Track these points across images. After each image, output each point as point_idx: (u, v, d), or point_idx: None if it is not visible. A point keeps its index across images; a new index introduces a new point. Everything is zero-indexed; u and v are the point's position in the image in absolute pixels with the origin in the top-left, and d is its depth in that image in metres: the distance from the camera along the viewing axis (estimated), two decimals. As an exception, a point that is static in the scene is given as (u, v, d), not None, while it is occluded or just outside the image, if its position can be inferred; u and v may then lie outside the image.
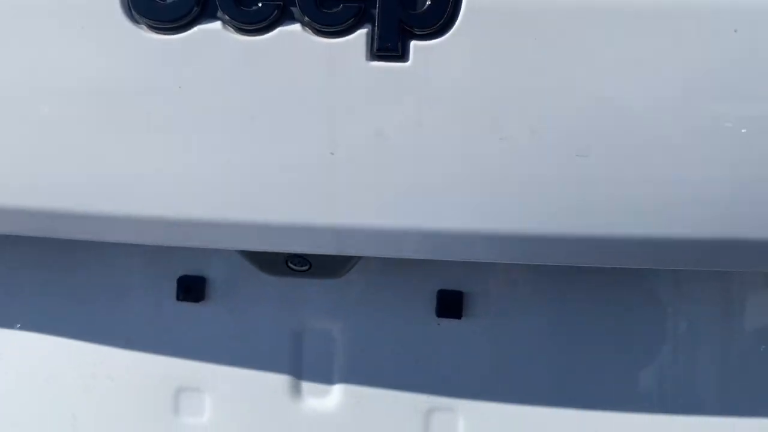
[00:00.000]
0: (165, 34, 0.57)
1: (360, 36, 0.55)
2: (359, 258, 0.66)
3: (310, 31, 0.56)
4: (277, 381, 0.76)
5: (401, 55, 0.55)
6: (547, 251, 0.58)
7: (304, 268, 0.66)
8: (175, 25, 0.57)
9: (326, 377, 0.75)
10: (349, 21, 0.54)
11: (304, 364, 0.76)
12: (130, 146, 0.59)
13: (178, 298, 0.77)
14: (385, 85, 0.55)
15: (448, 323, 0.74)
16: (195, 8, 0.56)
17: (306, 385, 0.76)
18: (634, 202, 0.55)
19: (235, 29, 0.56)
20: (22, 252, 0.78)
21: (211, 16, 0.57)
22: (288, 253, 0.66)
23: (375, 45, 0.55)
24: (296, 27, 0.56)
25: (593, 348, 0.72)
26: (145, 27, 0.57)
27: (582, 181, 0.55)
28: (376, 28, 0.55)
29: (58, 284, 0.78)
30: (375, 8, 0.54)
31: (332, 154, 0.57)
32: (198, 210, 0.59)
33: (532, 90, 0.54)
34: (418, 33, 0.55)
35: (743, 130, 0.53)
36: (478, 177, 0.56)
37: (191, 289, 0.76)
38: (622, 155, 0.55)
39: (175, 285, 0.76)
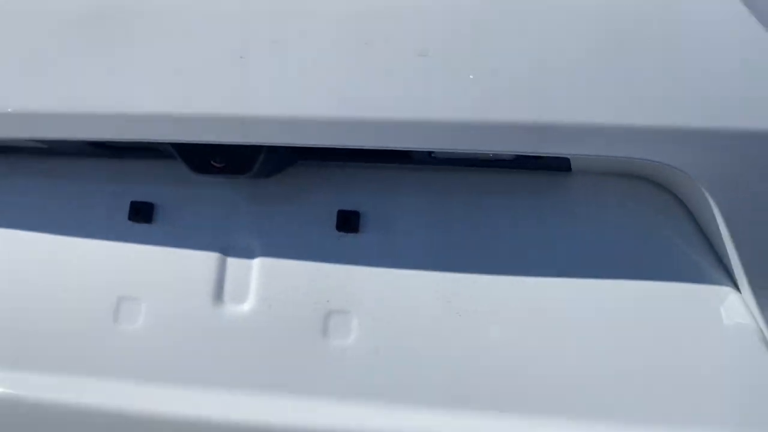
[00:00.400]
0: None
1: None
2: (262, 153, 0.83)
3: None
4: (203, 289, 0.89)
5: None
6: (399, 135, 0.74)
7: (222, 164, 0.83)
8: None
9: (245, 285, 0.89)
10: None
11: (227, 274, 0.89)
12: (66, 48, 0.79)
13: (129, 218, 0.93)
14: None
15: (346, 237, 0.88)
16: None
17: (227, 292, 0.89)
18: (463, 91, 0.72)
19: None
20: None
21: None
22: (211, 153, 0.83)
23: None
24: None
25: (465, 254, 0.84)
26: None
27: (424, 74, 0.73)
28: None
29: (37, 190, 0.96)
30: None
31: (241, 57, 0.76)
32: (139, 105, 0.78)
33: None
34: None
35: (540, 24, 0.71)
36: (346, 75, 0.74)
37: (140, 211, 0.93)
38: (455, 53, 0.72)
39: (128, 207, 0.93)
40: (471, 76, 0.72)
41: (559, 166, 0.83)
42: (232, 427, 0.82)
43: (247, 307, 0.88)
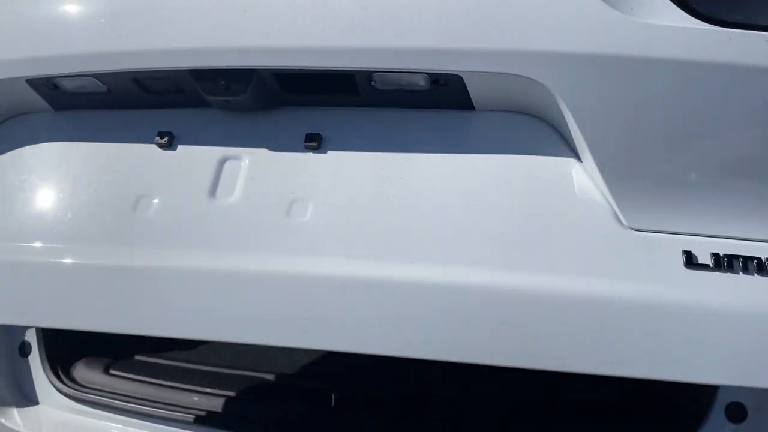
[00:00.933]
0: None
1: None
2: (253, 78, 1.17)
3: None
4: (202, 187, 1.21)
5: None
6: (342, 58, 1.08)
7: (225, 85, 1.17)
8: None
9: (233, 184, 1.20)
10: None
11: (221, 177, 1.21)
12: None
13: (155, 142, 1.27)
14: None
15: (311, 151, 1.20)
16: None
17: (219, 190, 1.20)
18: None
19: None
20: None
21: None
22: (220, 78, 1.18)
23: None
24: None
25: (394, 161, 1.15)
26: None
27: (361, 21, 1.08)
28: None
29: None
30: None
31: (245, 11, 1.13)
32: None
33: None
34: None
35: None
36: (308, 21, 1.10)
37: (164, 135, 1.26)
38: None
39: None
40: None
41: (463, 104, 1.16)
42: (224, 272, 1.10)
43: (233, 199, 1.19)
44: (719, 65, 0.94)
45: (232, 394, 1.63)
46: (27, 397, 1.75)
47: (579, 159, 1.06)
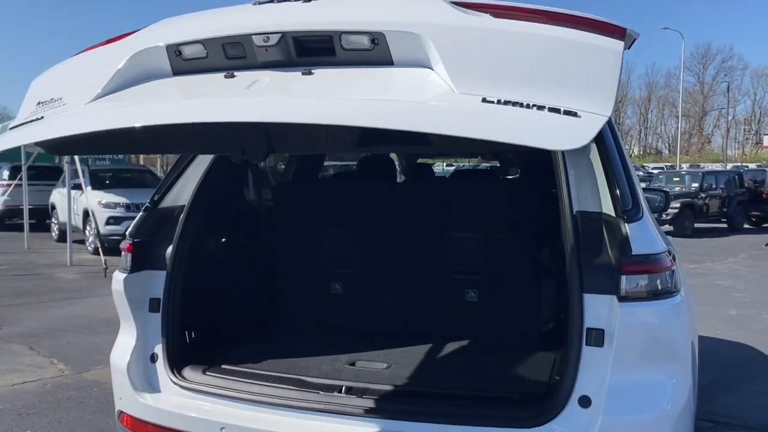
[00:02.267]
0: None
1: None
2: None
3: None
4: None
5: None
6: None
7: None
8: None
9: None
10: None
11: None
12: None
13: None
14: None
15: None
16: None
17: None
18: None
19: None
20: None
21: None
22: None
23: None
24: None
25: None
26: None
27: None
28: None
29: None
30: None
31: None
32: None
33: None
34: None
35: None
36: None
37: None
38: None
39: None
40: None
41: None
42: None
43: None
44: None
45: (278, 385, 2.62)
46: (154, 387, 2.78)
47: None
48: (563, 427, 2.27)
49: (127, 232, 2.97)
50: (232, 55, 1.98)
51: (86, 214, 13.03)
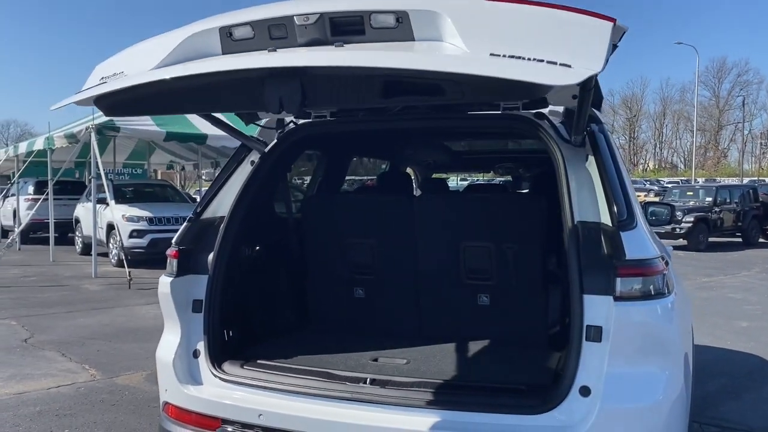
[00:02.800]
0: None
1: None
2: None
3: None
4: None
5: None
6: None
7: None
8: None
9: None
10: None
11: None
12: None
13: None
14: None
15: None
16: None
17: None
18: None
19: None
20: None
21: None
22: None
23: None
24: None
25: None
26: None
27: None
28: None
29: None
30: None
31: None
32: None
33: None
34: None
35: None
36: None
37: None
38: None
39: None
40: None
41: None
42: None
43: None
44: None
45: (309, 377, 2.91)
46: (196, 380, 3.07)
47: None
48: (565, 413, 2.53)
49: (173, 241, 3.27)
50: (275, 36, 2.28)
51: (110, 227, 13.38)
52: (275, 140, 3.40)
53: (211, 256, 3.16)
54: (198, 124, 12.65)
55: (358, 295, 3.85)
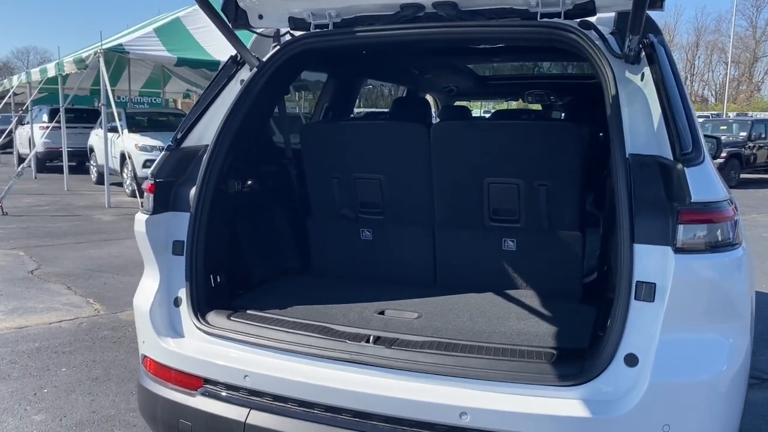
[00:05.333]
0: None
1: None
2: None
3: None
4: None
5: None
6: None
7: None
8: None
9: None
10: None
11: None
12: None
13: None
14: None
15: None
16: None
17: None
18: None
19: None
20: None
21: None
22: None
23: None
24: None
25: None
26: None
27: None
28: None
29: None
30: None
31: None
32: None
33: None
34: None
35: None
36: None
37: None
38: None
39: None
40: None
41: None
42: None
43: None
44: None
45: (305, 332, 2.50)
46: (177, 332, 2.69)
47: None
48: (606, 385, 2.11)
49: (149, 172, 2.84)
50: None
51: (123, 157, 13.14)
52: (270, 53, 2.90)
53: (193, 191, 2.73)
54: (210, 49, 12.11)
55: (365, 237, 3.41)
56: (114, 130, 12.86)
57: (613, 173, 2.27)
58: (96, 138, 15.04)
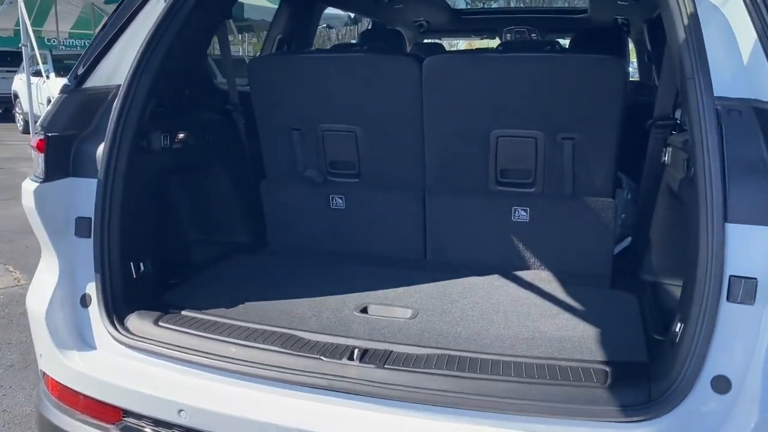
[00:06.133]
0: None
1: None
2: None
3: None
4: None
5: None
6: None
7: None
8: None
9: None
10: None
11: None
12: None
13: None
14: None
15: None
16: None
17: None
18: None
19: None
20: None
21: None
22: None
23: None
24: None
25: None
26: None
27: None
28: None
29: None
30: None
31: None
32: None
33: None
34: None
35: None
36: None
37: None
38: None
39: None
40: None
41: None
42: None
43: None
44: None
45: (263, 346, 1.83)
46: (87, 343, 1.98)
47: None
48: (689, 420, 1.52)
49: (37, 123, 2.07)
50: None
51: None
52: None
53: (101, 149, 1.98)
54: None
55: (336, 206, 2.71)
56: (38, 74, 11.77)
57: (689, 125, 1.64)
58: (20, 83, 14.15)
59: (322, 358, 1.76)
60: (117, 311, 1.98)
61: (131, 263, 2.08)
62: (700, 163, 1.58)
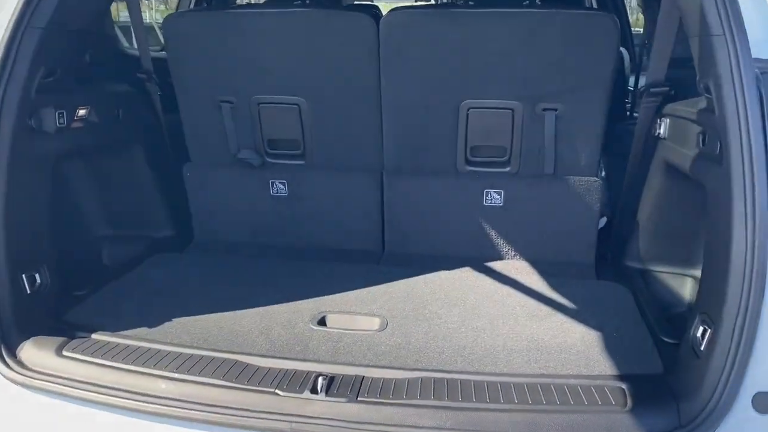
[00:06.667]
0: None
1: None
2: None
3: None
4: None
5: None
6: None
7: None
8: None
9: None
10: None
11: None
12: None
13: None
14: None
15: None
16: None
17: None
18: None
19: None
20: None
21: None
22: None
23: None
24: None
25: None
26: None
27: None
28: None
29: None
30: None
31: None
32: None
33: None
34: None
35: None
36: None
37: None
38: None
39: None
40: None
41: None
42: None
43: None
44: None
45: (201, 378, 1.44)
46: (-35, 383, 1.53)
47: None
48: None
49: None
50: None
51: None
52: None
53: None
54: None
55: (277, 193, 2.31)
56: None
57: (716, 93, 1.37)
58: None
59: (278, 392, 1.40)
60: (6, 339, 1.54)
61: (22, 275, 1.63)
62: (734, 138, 1.31)
